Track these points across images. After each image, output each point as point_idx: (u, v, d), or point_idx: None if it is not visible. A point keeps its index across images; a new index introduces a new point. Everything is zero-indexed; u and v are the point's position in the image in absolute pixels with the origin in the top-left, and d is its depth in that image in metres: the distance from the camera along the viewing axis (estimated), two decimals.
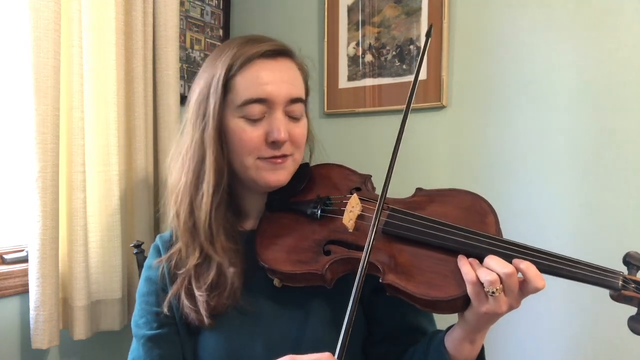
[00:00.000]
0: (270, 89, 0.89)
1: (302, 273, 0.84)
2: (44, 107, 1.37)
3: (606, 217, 1.45)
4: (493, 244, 0.76)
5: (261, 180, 0.93)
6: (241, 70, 0.90)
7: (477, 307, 0.73)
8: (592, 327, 1.46)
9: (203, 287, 0.90)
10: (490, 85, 1.63)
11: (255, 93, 0.89)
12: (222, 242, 0.92)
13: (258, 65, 0.90)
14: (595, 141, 1.47)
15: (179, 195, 0.95)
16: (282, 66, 0.92)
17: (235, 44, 0.93)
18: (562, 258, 0.75)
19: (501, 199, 1.59)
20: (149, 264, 1.03)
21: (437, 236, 0.79)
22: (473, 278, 0.72)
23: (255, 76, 0.89)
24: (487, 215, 0.82)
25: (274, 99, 0.90)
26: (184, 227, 0.94)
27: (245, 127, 0.90)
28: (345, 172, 1.00)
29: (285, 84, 0.91)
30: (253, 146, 0.91)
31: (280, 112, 0.91)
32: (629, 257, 0.75)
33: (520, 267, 0.71)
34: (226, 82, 0.90)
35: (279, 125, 0.89)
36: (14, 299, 1.46)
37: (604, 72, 1.45)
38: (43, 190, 1.38)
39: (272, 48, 0.91)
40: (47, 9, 1.37)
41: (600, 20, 1.46)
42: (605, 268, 0.73)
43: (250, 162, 0.92)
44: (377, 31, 1.84)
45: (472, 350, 0.80)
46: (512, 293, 0.71)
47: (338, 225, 0.88)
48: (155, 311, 0.96)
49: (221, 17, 2.20)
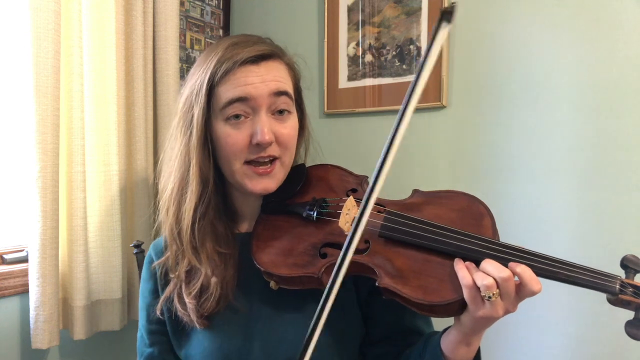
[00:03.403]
0: (250, 88, 0.88)
1: (298, 276, 0.84)
2: (44, 107, 1.38)
3: (606, 217, 1.44)
4: (489, 248, 0.75)
5: (247, 187, 0.92)
6: (223, 78, 0.89)
7: (474, 311, 0.72)
8: (591, 329, 1.46)
9: (192, 294, 0.91)
10: (490, 85, 1.63)
11: (234, 94, 0.88)
12: (208, 250, 0.92)
13: (240, 72, 0.89)
14: (595, 141, 1.46)
15: (166, 203, 0.95)
16: (265, 69, 0.91)
17: (221, 49, 0.91)
18: (559, 261, 0.74)
19: (501, 199, 1.59)
20: (144, 277, 1.05)
21: (434, 239, 0.79)
22: (469, 282, 0.71)
23: (237, 82, 0.89)
24: (484, 218, 0.82)
25: (256, 97, 0.88)
26: (170, 235, 0.95)
27: (230, 131, 0.90)
28: (342, 173, 1.00)
29: (267, 82, 0.89)
30: (238, 150, 0.90)
31: (264, 113, 0.90)
32: (626, 260, 0.74)
33: (516, 271, 0.71)
34: (209, 91, 0.90)
35: (263, 127, 0.88)
36: (14, 299, 1.46)
37: (604, 72, 1.45)
38: (43, 190, 1.38)
39: (254, 54, 0.90)
40: (47, 9, 1.37)
41: (600, 20, 1.45)
42: (603, 272, 0.72)
43: (237, 167, 0.91)
44: (377, 31, 1.83)
45: (468, 353, 0.80)
46: (509, 297, 0.71)
47: (334, 228, 0.87)
48: (148, 329, 1.01)
49: (221, 17, 2.20)
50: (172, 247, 0.96)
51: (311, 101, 1.97)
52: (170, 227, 0.95)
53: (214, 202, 0.94)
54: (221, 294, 0.91)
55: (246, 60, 0.89)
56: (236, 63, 0.89)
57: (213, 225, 0.94)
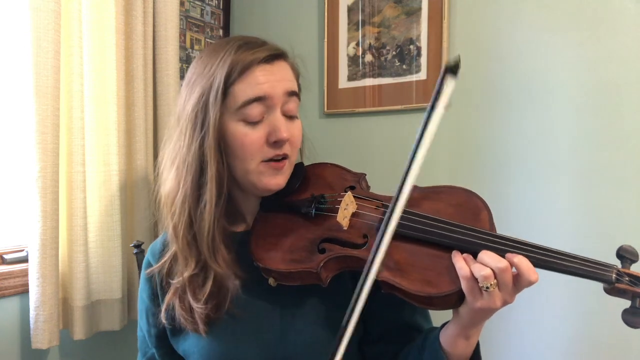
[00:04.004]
0: (267, 87, 0.88)
1: (297, 271, 0.84)
2: (44, 107, 1.38)
3: (606, 216, 1.44)
4: (486, 239, 0.76)
5: (261, 184, 0.91)
6: (240, 77, 0.88)
7: (472, 303, 0.73)
8: (591, 324, 1.45)
9: (202, 299, 0.89)
10: (490, 85, 1.63)
11: (253, 93, 0.88)
12: (224, 253, 0.91)
13: (257, 71, 0.89)
14: (595, 141, 1.46)
15: (176, 207, 0.91)
16: (278, 68, 0.91)
17: (231, 48, 0.90)
18: (555, 252, 0.75)
19: (501, 199, 1.59)
20: (142, 280, 1.03)
21: (432, 232, 0.79)
22: (467, 273, 0.72)
23: (254, 80, 0.88)
24: (481, 211, 0.82)
25: (272, 95, 0.88)
26: (183, 240, 0.91)
27: (246, 131, 0.89)
28: (340, 171, 1.00)
29: (282, 82, 0.90)
30: (255, 149, 0.89)
31: (279, 112, 0.90)
32: (622, 250, 0.75)
33: (513, 261, 0.71)
34: (225, 90, 0.88)
35: (281, 125, 0.89)
36: (14, 299, 1.46)
37: (604, 72, 1.45)
38: (43, 190, 1.39)
39: (270, 53, 0.90)
40: (47, 9, 1.37)
41: (600, 20, 1.45)
42: (599, 261, 0.73)
43: (253, 167, 0.90)
44: (377, 31, 1.83)
45: (467, 346, 0.80)
46: (507, 288, 0.71)
47: (333, 223, 0.87)
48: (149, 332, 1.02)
49: (221, 17, 2.21)
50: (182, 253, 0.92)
51: (311, 101, 1.97)
52: (182, 232, 0.91)
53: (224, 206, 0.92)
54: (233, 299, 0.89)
55: (263, 59, 0.89)
56: (254, 61, 0.88)
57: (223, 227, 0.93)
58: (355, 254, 0.82)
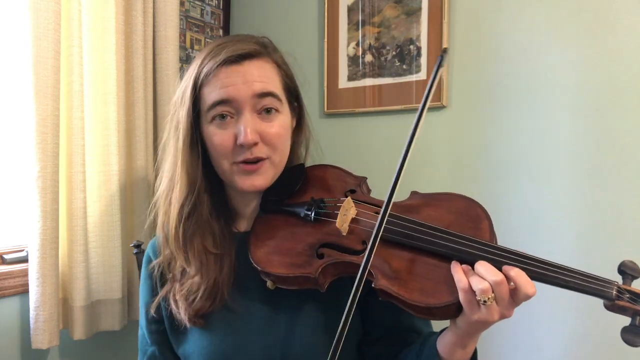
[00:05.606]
0: (231, 90, 0.88)
1: (295, 276, 0.84)
2: (44, 107, 1.38)
3: (606, 217, 1.44)
4: (485, 250, 0.75)
5: (237, 184, 0.92)
6: (206, 80, 0.90)
7: (469, 315, 0.72)
8: (591, 330, 1.46)
9: (182, 293, 0.92)
10: (490, 85, 1.63)
11: (217, 95, 0.88)
12: (196, 249, 0.93)
13: (222, 72, 0.89)
14: (595, 141, 1.46)
15: (158, 204, 0.98)
16: (247, 68, 0.90)
17: (206, 50, 0.93)
18: (555, 266, 0.73)
19: (500, 199, 1.59)
20: (142, 276, 1.05)
21: (431, 242, 0.79)
22: (465, 286, 0.71)
23: (219, 83, 0.89)
24: (482, 221, 0.81)
25: (236, 98, 0.88)
26: (163, 236, 0.96)
27: (216, 132, 0.90)
28: (341, 173, 0.99)
29: (249, 83, 0.89)
30: (224, 150, 0.90)
31: (248, 113, 0.89)
32: (623, 266, 0.74)
33: (510, 274, 0.70)
34: (195, 93, 0.91)
35: (245, 127, 0.87)
36: (14, 299, 1.46)
37: (604, 72, 1.45)
38: (43, 191, 1.39)
39: (234, 54, 0.89)
40: (47, 9, 1.37)
41: (600, 20, 1.45)
42: (600, 277, 0.71)
43: (227, 167, 0.92)
44: (377, 31, 1.83)
45: (464, 354, 0.80)
46: (504, 301, 0.70)
47: (332, 229, 0.87)
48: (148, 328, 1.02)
49: (221, 17, 2.20)
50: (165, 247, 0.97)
51: (311, 101, 1.97)
52: (160, 226, 0.97)
53: (207, 201, 0.95)
54: (210, 294, 0.91)
55: (226, 61, 0.88)
56: (216, 64, 0.89)
57: (206, 224, 0.94)
58: (354, 260, 0.81)
